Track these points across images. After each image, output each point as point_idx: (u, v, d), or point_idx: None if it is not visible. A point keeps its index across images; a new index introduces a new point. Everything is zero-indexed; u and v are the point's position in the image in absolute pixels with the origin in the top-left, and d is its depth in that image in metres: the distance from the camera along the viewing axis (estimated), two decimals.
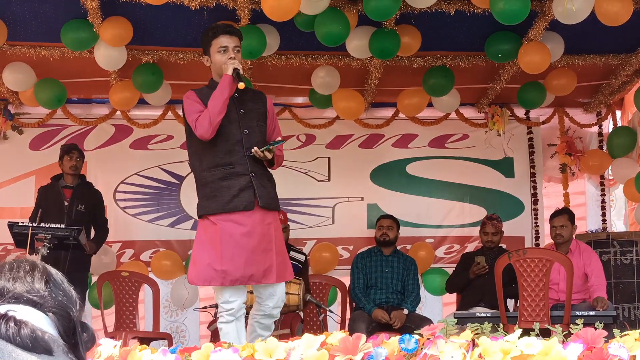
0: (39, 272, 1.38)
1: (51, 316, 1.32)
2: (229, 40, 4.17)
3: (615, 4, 5.09)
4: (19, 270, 1.38)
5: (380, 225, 6.46)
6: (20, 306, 1.31)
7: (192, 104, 4.15)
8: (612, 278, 6.40)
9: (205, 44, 4.25)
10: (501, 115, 7.38)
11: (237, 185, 4.08)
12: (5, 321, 1.22)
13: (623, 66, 6.60)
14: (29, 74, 6.39)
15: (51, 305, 1.32)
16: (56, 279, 1.40)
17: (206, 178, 4.14)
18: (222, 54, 4.15)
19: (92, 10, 5.46)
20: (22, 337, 1.21)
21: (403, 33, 5.86)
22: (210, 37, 4.21)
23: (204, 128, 4.03)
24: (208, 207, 4.11)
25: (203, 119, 4.04)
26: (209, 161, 4.14)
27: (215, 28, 4.25)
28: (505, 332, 2.71)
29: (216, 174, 4.11)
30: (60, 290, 1.38)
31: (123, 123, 7.23)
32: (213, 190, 4.09)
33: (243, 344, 2.89)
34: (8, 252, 6.93)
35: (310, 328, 6.31)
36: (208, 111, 4.04)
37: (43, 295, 1.34)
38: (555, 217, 6.19)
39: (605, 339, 2.60)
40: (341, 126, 7.44)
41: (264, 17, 5.29)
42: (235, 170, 4.11)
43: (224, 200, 4.06)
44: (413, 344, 2.63)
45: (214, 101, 4.06)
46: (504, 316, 5.42)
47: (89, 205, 6.32)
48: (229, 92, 4.08)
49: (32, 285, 1.35)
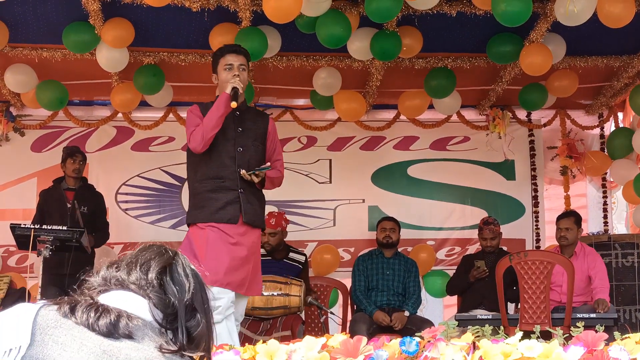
0: (158, 262, 1.54)
1: (150, 302, 1.48)
2: (235, 58, 4.42)
3: (618, 5, 5.08)
4: (137, 258, 1.55)
5: (383, 227, 6.45)
6: (122, 292, 1.49)
7: (192, 117, 4.38)
8: (613, 280, 6.40)
9: (214, 63, 4.50)
10: (502, 118, 7.38)
11: (225, 198, 4.30)
12: (87, 310, 1.39)
13: (625, 68, 6.59)
14: (31, 76, 6.39)
15: (150, 292, 1.48)
16: (175, 267, 1.55)
17: (197, 188, 4.38)
18: (227, 72, 4.39)
19: (94, 12, 5.46)
20: (100, 325, 1.38)
21: (404, 35, 5.86)
22: (218, 55, 4.47)
23: (197, 141, 4.28)
24: (196, 215, 4.33)
25: (197, 132, 4.28)
26: (202, 173, 4.37)
27: (222, 48, 4.51)
28: (506, 335, 2.71)
29: (206, 185, 4.34)
30: (174, 279, 1.53)
31: (124, 125, 7.23)
32: (202, 200, 4.32)
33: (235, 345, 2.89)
34: (10, 253, 6.94)
35: (312, 330, 6.31)
36: (202, 126, 4.27)
37: (147, 283, 1.49)
38: (561, 219, 6.18)
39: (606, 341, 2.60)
40: (342, 128, 7.44)
41: (265, 18, 5.29)
42: (224, 184, 4.33)
43: (211, 210, 4.28)
44: (414, 346, 2.62)
45: (209, 117, 4.29)
46: (505, 318, 5.43)
47: (91, 207, 6.32)
48: (225, 109, 4.29)
49: (140, 274, 1.51)
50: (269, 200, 7.27)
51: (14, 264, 6.99)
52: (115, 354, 1.37)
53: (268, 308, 5.73)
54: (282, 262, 6.15)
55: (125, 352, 1.38)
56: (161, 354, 1.41)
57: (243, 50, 4.52)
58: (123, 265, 1.55)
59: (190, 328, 1.52)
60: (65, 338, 1.37)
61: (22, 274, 6.67)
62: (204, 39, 5.89)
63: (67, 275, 5.78)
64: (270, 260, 6.11)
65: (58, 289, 5.97)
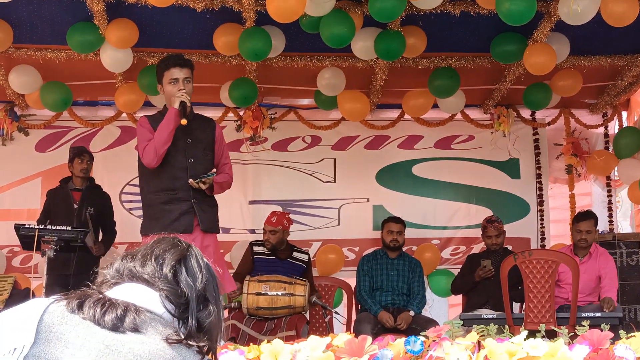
0: (173, 254, 1.58)
1: (161, 294, 1.51)
2: (180, 72, 4.49)
3: (621, 4, 5.07)
4: (152, 250, 1.60)
5: (390, 229, 6.39)
6: (133, 284, 1.53)
7: (143, 132, 4.47)
8: (618, 279, 6.38)
9: (158, 75, 4.57)
10: (507, 116, 7.36)
11: (179, 209, 4.41)
12: (93, 305, 1.44)
13: (629, 67, 6.58)
14: (35, 77, 6.40)
15: (163, 284, 1.53)
16: (189, 259, 1.60)
17: (151, 200, 4.47)
18: (172, 85, 4.49)
19: (98, 13, 5.47)
20: (106, 321, 1.41)
21: (408, 34, 5.86)
22: (163, 68, 4.53)
23: (150, 157, 4.39)
24: (150, 227, 4.42)
25: (149, 148, 4.38)
26: (155, 185, 4.46)
27: (167, 60, 4.58)
28: (511, 334, 2.71)
29: (160, 197, 4.44)
30: (188, 270, 1.58)
31: (129, 125, 7.23)
32: (156, 212, 4.43)
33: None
34: (15, 254, 6.95)
35: (316, 330, 6.31)
36: (154, 142, 4.36)
37: (161, 275, 1.54)
38: (582, 221, 6.12)
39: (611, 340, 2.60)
40: (347, 127, 7.44)
41: (269, 18, 5.29)
42: (178, 196, 4.43)
43: (165, 222, 4.38)
44: (419, 345, 2.63)
45: (160, 132, 4.39)
46: (510, 318, 5.42)
47: (98, 207, 6.32)
48: (174, 124, 4.39)
49: (155, 265, 1.56)
50: (274, 200, 7.34)
51: (19, 264, 6.99)
52: (118, 348, 1.39)
53: (272, 308, 5.73)
54: (286, 261, 6.15)
55: (129, 345, 1.40)
56: (167, 345, 1.43)
57: (188, 61, 4.60)
58: (138, 257, 1.59)
59: (202, 318, 1.55)
60: (69, 335, 1.39)
61: (26, 275, 6.67)
62: (208, 40, 5.90)
63: (72, 275, 5.79)
64: (274, 260, 6.12)
65: (63, 289, 5.96)
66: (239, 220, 7.35)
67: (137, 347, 1.40)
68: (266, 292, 5.71)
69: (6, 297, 6.13)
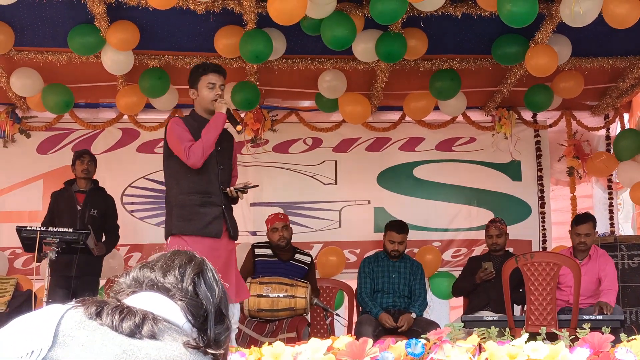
0: (192, 267, 1.61)
1: (180, 304, 1.54)
2: (217, 78, 4.57)
3: (623, 6, 5.06)
4: (172, 262, 1.62)
5: (392, 239, 6.33)
6: (152, 293, 1.55)
7: (182, 132, 4.46)
8: (619, 282, 6.36)
9: (193, 79, 4.60)
10: (508, 118, 7.36)
11: (212, 213, 4.46)
12: (112, 313, 1.44)
13: (631, 69, 6.57)
14: (37, 80, 6.41)
15: (182, 295, 1.55)
16: (206, 273, 1.63)
17: (184, 201, 4.45)
18: (209, 90, 4.54)
19: (99, 15, 5.48)
20: (124, 327, 1.42)
21: (410, 36, 5.85)
22: (200, 73, 4.57)
23: (197, 157, 4.38)
24: (184, 227, 4.42)
25: (197, 148, 4.38)
26: (188, 187, 4.47)
27: (205, 65, 4.65)
28: (512, 336, 2.71)
29: (195, 199, 4.45)
30: (206, 283, 1.61)
31: (130, 127, 7.25)
32: (190, 214, 4.43)
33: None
34: (17, 255, 6.95)
35: (317, 332, 6.31)
36: (202, 143, 4.39)
37: (182, 286, 1.57)
38: (580, 224, 6.10)
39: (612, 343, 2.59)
40: (348, 129, 7.44)
41: (270, 21, 5.29)
42: (211, 200, 4.49)
43: (200, 225, 4.42)
44: (420, 348, 2.63)
45: (210, 135, 4.44)
46: (511, 320, 5.41)
47: (102, 210, 6.33)
48: (222, 128, 4.50)
49: (177, 276, 1.59)
50: (275, 202, 7.34)
51: (21, 266, 7.00)
52: (135, 353, 1.41)
53: (274, 310, 5.73)
54: (288, 263, 6.16)
55: (145, 350, 1.42)
56: (184, 351, 1.46)
57: (224, 70, 4.70)
58: (158, 267, 1.61)
59: (219, 332, 1.59)
60: (87, 339, 1.41)
61: (28, 276, 6.68)
62: (209, 42, 5.90)
63: (74, 277, 5.79)
64: (276, 262, 6.12)
65: (65, 291, 5.98)
66: (240, 222, 7.21)
67: (154, 353, 1.42)
68: (267, 294, 5.71)
69: (8, 298, 6.14)
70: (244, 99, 6.54)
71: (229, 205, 4.62)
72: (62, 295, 5.97)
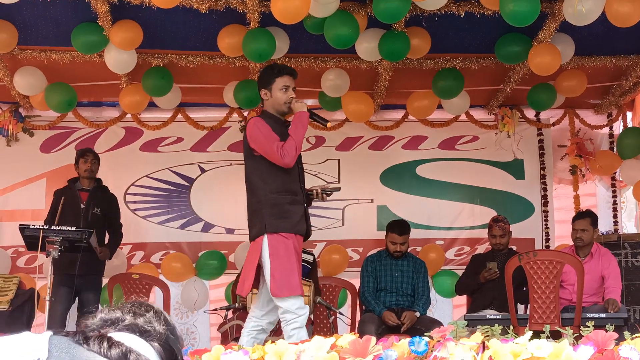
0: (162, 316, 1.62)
1: (156, 347, 1.53)
2: (291, 81, 4.62)
3: (626, 5, 5.06)
4: (141, 307, 1.61)
5: (394, 241, 6.31)
6: (128, 334, 1.54)
7: (268, 131, 4.47)
8: (623, 280, 6.35)
9: (267, 80, 4.62)
10: (511, 117, 7.36)
11: (299, 212, 4.53)
12: (99, 341, 1.44)
13: (634, 67, 6.57)
14: (40, 78, 6.42)
15: (157, 337, 1.55)
16: (170, 321, 1.63)
17: (276, 200, 4.48)
18: (284, 92, 4.58)
19: (102, 14, 5.48)
20: (112, 354, 1.43)
21: (413, 35, 5.85)
22: (275, 74, 4.62)
23: (291, 156, 4.43)
24: (280, 225, 4.44)
25: (290, 147, 4.43)
26: (277, 186, 4.49)
27: (280, 67, 4.71)
28: (516, 335, 2.71)
29: (285, 198, 4.49)
30: (175, 332, 1.62)
31: (133, 125, 7.26)
32: (282, 212, 4.47)
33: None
34: (20, 254, 6.97)
35: (321, 330, 6.31)
36: (294, 141, 4.45)
37: (153, 328, 1.56)
38: (577, 220, 6.16)
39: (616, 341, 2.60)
40: (351, 128, 7.44)
41: (273, 20, 5.30)
42: (297, 199, 4.55)
43: (293, 222, 4.48)
44: (423, 346, 2.63)
45: (299, 133, 4.50)
46: (515, 318, 5.41)
47: (105, 208, 6.34)
48: (307, 127, 4.59)
49: (147, 320, 1.58)
50: None
51: (23, 264, 7.01)
52: None
53: None
54: None
55: None
56: None
57: (297, 73, 4.74)
58: (127, 311, 1.60)
59: None
60: (81, 357, 1.41)
61: (31, 275, 6.69)
62: (212, 41, 5.90)
63: (77, 275, 5.80)
64: None
65: (68, 289, 5.99)
66: (243, 220, 7.28)
67: None
68: None
69: (11, 297, 6.15)
70: (245, 97, 6.55)
71: (307, 205, 4.68)
72: (65, 294, 5.98)
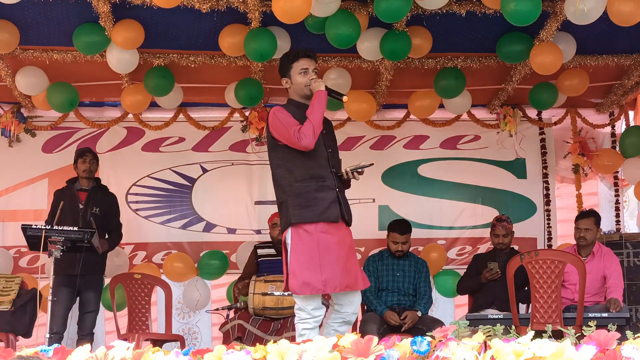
0: None
1: None
2: (309, 62, 4.42)
3: (628, 3, 5.05)
4: None
5: (395, 240, 6.29)
6: None
7: (287, 117, 4.30)
8: (625, 279, 6.34)
9: (285, 68, 4.45)
10: (513, 116, 7.35)
11: (329, 198, 4.32)
12: None
13: (636, 66, 6.56)
14: (42, 78, 6.42)
15: None
16: None
17: (301, 189, 4.31)
18: (303, 76, 4.39)
19: (104, 14, 5.49)
20: None
21: (414, 34, 5.85)
22: (291, 60, 4.43)
23: (309, 138, 4.22)
24: (303, 215, 4.27)
25: (307, 130, 4.23)
26: (301, 173, 4.32)
27: (295, 52, 4.51)
28: (518, 334, 2.70)
29: (310, 185, 4.30)
30: None
31: (135, 125, 7.26)
32: (307, 200, 4.28)
33: None
34: (22, 254, 6.97)
35: None
36: (310, 123, 4.24)
37: None
38: (580, 220, 6.15)
39: (618, 340, 2.59)
40: (352, 128, 7.43)
41: (274, 19, 5.30)
42: (326, 184, 4.34)
43: (319, 210, 4.27)
44: (425, 346, 2.62)
45: (316, 113, 4.27)
46: (516, 318, 5.41)
47: (104, 208, 6.34)
48: (325, 106, 4.33)
49: None
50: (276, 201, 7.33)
51: (26, 264, 7.02)
52: None
53: (279, 308, 5.74)
54: None
55: None
56: None
57: (314, 54, 4.52)
58: None
59: None
60: None
61: (33, 275, 6.69)
62: (214, 40, 5.90)
63: (78, 275, 5.80)
64: (280, 260, 6.08)
65: (70, 289, 6.00)
66: (244, 220, 7.36)
67: None
68: (272, 292, 5.71)
69: (13, 297, 6.16)
70: (246, 95, 6.55)
71: (342, 189, 4.47)
72: (66, 294, 5.99)
